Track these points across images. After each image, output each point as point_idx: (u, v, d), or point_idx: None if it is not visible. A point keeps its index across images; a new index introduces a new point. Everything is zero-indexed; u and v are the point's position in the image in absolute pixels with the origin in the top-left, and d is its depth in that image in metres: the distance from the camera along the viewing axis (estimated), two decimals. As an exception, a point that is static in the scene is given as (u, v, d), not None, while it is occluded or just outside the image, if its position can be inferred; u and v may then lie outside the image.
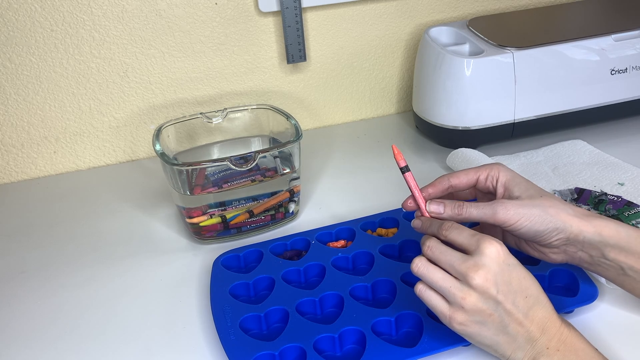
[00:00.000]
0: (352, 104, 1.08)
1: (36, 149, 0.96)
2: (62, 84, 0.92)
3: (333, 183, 0.90)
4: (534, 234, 0.57)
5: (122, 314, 0.68)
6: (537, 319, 0.53)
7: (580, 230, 0.57)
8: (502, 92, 0.87)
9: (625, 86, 0.91)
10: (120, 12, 0.90)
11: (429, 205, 0.60)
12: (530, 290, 0.53)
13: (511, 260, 0.53)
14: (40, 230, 0.84)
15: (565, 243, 0.58)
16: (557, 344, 0.53)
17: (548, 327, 0.53)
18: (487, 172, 0.61)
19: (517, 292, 0.52)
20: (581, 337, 0.54)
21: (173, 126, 0.83)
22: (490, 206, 0.57)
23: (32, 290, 0.73)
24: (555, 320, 0.53)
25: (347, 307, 0.63)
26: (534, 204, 0.57)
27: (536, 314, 0.53)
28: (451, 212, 0.59)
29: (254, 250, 0.73)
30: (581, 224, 0.57)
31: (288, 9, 0.93)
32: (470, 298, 0.52)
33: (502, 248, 0.53)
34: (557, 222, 0.56)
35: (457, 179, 0.62)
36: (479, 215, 0.57)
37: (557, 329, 0.53)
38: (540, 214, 0.56)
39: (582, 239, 0.57)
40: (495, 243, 0.53)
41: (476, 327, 0.53)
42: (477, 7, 1.05)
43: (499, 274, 0.52)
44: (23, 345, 0.65)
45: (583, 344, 0.53)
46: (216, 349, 0.62)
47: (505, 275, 0.52)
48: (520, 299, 0.52)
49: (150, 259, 0.76)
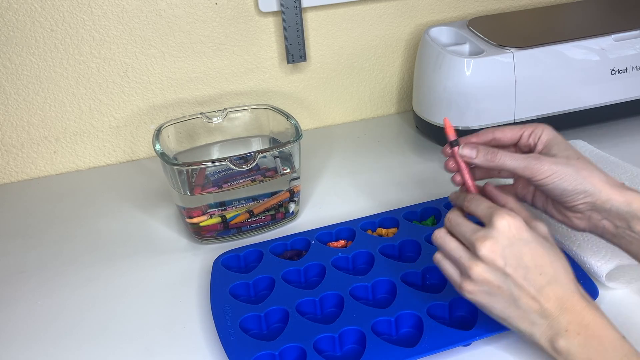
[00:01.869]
0: (352, 104, 1.08)
1: (36, 149, 0.96)
2: (62, 84, 0.92)
3: (333, 183, 0.90)
4: (561, 193, 0.57)
5: (122, 313, 0.68)
6: (554, 297, 0.52)
7: (608, 198, 0.56)
8: (502, 92, 0.87)
9: (625, 86, 0.91)
10: (120, 12, 0.90)
11: (462, 149, 0.60)
12: (545, 268, 0.52)
13: (526, 235, 0.53)
14: (40, 230, 0.84)
15: (591, 208, 0.57)
16: (578, 327, 0.51)
17: (567, 308, 0.52)
18: (532, 129, 0.61)
19: (530, 268, 0.52)
20: (608, 324, 0.52)
21: (173, 126, 0.83)
22: (525, 158, 0.57)
23: (32, 290, 0.73)
24: (577, 302, 0.52)
25: (347, 307, 0.63)
26: (568, 163, 0.57)
27: (552, 292, 0.52)
28: (484, 157, 0.59)
29: (254, 250, 0.73)
30: (611, 191, 0.56)
31: (288, 9, 0.93)
32: (476, 268, 0.53)
33: (516, 222, 0.53)
34: (586, 185, 0.56)
35: (501, 132, 0.62)
36: (512, 164, 0.57)
37: (578, 312, 0.52)
38: (571, 174, 0.56)
39: (609, 207, 0.56)
40: (508, 217, 0.53)
41: (486, 298, 0.54)
42: (477, 7, 1.05)
43: (508, 247, 0.52)
44: (23, 345, 0.65)
45: (608, 331, 0.51)
46: (216, 349, 0.62)
47: (516, 249, 0.52)
48: (532, 274, 0.52)
49: (150, 259, 0.76)
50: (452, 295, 0.62)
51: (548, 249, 0.53)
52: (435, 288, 0.66)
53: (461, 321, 0.62)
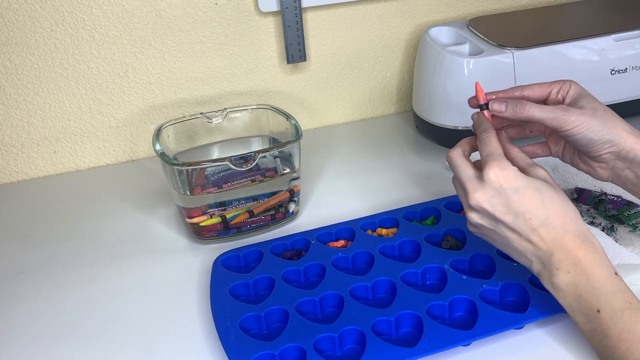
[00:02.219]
0: (352, 104, 1.08)
1: (36, 149, 0.96)
2: (62, 84, 0.92)
3: (333, 183, 0.90)
4: (588, 142, 0.60)
5: (122, 313, 0.68)
6: (547, 238, 0.55)
7: (632, 147, 0.59)
8: (502, 92, 0.87)
9: (625, 86, 0.91)
10: (120, 12, 0.90)
11: (492, 104, 0.62)
12: (535, 212, 0.55)
13: (514, 183, 0.55)
14: (40, 230, 0.84)
15: (615, 158, 0.60)
16: (568, 265, 0.54)
17: (558, 249, 0.55)
18: (560, 85, 0.63)
19: (519, 213, 0.55)
20: (599, 261, 0.54)
21: (173, 126, 0.83)
22: (553, 109, 0.59)
23: (32, 290, 0.73)
24: (570, 241, 0.54)
25: (347, 307, 0.63)
26: (595, 114, 0.59)
27: (545, 234, 0.55)
28: (512, 110, 0.61)
29: (254, 250, 0.73)
30: (635, 141, 0.59)
31: (288, 9, 0.93)
32: (470, 214, 0.58)
33: (503, 172, 0.56)
34: (611, 135, 0.59)
35: (530, 90, 0.64)
36: (540, 115, 0.60)
37: (569, 251, 0.54)
38: (597, 124, 0.59)
39: (632, 156, 0.59)
40: (496, 168, 0.56)
41: (485, 237, 0.59)
42: (477, 7, 1.05)
43: (495, 196, 0.56)
44: (23, 345, 0.65)
45: (598, 269, 0.53)
46: (216, 349, 0.62)
47: (503, 198, 0.56)
48: (521, 219, 0.55)
49: (150, 259, 0.76)
50: (452, 295, 0.63)
51: (542, 192, 0.56)
52: (435, 288, 0.66)
53: (461, 321, 0.62)
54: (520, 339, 0.61)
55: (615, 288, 0.53)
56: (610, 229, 0.73)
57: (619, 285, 0.53)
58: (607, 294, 0.52)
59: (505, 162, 0.56)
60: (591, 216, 0.75)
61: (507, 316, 0.60)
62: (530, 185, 0.56)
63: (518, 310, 0.61)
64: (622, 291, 0.53)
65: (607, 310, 0.52)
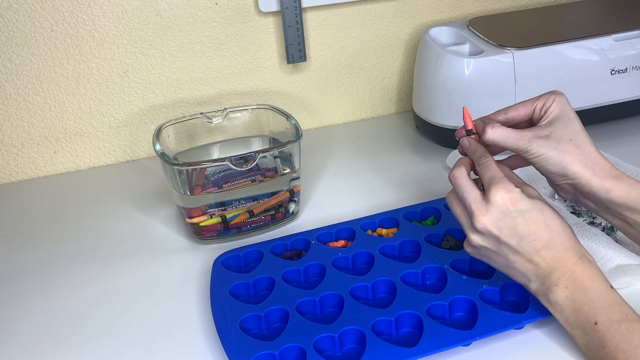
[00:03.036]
0: (352, 104, 1.08)
1: (36, 149, 0.96)
2: (62, 84, 0.92)
3: (333, 183, 0.90)
4: (546, 172, 0.61)
5: (122, 313, 0.68)
6: (549, 258, 0.56)
7: (587, 182, 0.60)
8: (502, 92, 0.87)
9: (625, 86, 0.91)
10: (120, 12, 0.90)
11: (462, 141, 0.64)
12: (539, 234, 0.56)
13: (521, 206, 0.56)
14: (40, 230, 0.84)
15: (574, 189, 0.62)
16: (567, 281, 0.56)
17: (558, 266, 0.56)
18: (544, 101, 0.63)
19: (524, 236, 0.56)
20: (596, 275, 0.56)
21: (173, 126, 0.83)
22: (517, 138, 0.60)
23: (32, 290, 0.73)
24: (570, 258, 0.56)
25: (347, 307, 0.63)
26: (557, 147, 0.60)
27: (547, 254, 0.56)
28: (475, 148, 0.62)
29: (254, 250, 0.73)
30: (591, 177, 0.60)
31: (288, 9, 0.93)
32: (473, 235, 0.58)
33: (510, 195, 0.56)
34: (568, 170, 0.60)
35: (514, 111, 0.64)
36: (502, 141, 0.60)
37: (568, 267, 0.56)
38: (556, 158, 0.60)
39: (588, 190, 0.60)
40: (502, 191, 0.56)
41: (485, 259, 0.60)
42: (477, 7, 1.05)
43: (502, 219, 0.56)
44: (23, 345, 0.65)
45: (595, 282, 0.55)
46: (216, 349, 0.62)
47: (509, 221, 0.56)
48: (526, 242, 0.56)
49: (150, 259, 0.76)
50: (452, 295, 0.63)
51: (545, 213, 0.57)
52: (435, 288, 0.66)
53: (461, 321, 0.62)
54: (520, 339, 0.61)
55: (611, 300, 0.54)
56: (610, 229, 0.73)
57: (616, 298, 0.55)
58: (604, 307, 0.54)
59: (510, 185, 0.57)
60: (591, 216, 0.75)
61: (507, 316, 0.60)
62: (535, 206, 0.57)
63: (518, 310, 0.61)
64: (618, 304, 0.54)
65: (604, 322, 0.53)
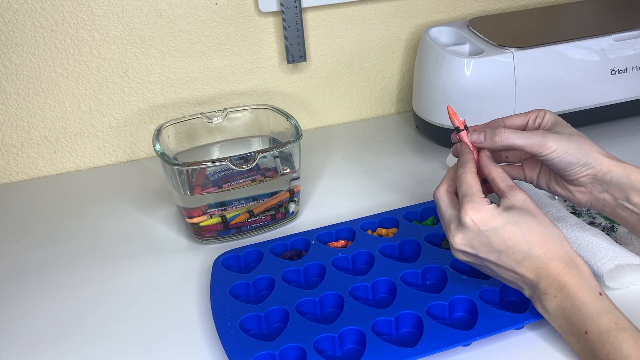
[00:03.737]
0: (352, 104, 1.08)
1: (36, 149, 0.96)
2: (62, 84, 0.92)
3: (333, 183, 0.90)
4: (566, 166, 0.60)
5: (122, 313, 0.68)
6: (532, 268, 0.56)
7: (609, 169, 0.60)
8: (502, 92, 0.87)
9: (625, 86, 0.91)
10: (120, 12, 0.90)
11: (471, 135, 0.63)
12: (517, 247, 0.56)
13: (492, 224, 0.56)
14: (40, 230, 0.84)
15: (593, 181, 0.61)
16: (555, 290, 0.56)
17: (544, 276, 0.56)
18: (536, 114, 0.65)
19: (501, 251, 0.56)
20: (583, 284, 0.55)
21: (173, 126, 0.83)
22: (531, 135, 0.61)
23: (32, 290, 0.73)
24: (554, 267, 0.56)
25: (347, 307, 0.63)
26: (571, 139, 0.61)
27: (529, 265, 0.56)
28: (491, 139, 0.62)
29: (254, 250, 0.73)
30: (611, 164, 0.60)
31: (288, 9, 0.93)
32: (456, 252, 0.59)
33: (479, 216, 0.56)
34: (588, 158, 0.60)
35: (510, 120, 0.65)
36: (519, 142, 0.61)
37: (554, 277, 0.56)
38: (575, 147, 0.60)
39: (609, 178, 0.60)
40: (471, 212, 0.56)
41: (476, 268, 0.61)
42: (477, 7, 1.05)
43: (476, 239, 0.57)
44: (23, 345, 0.65)
45: (582, 291, 0.55)
46: (216, 349, 0.62)
47: (483, 239, 0.57)
48: (505, 256, 0.57)
49: (150, 259, 0.76)
50: (452, 295, 0.63)
51: (521, 224, 0.56)
52: (435, 288, 0.66)
53: (461, 321, 0.62)
54: (520, 339, 0.61)
55: (600, 309, 0.54)
56: (610, 229, 0.73)
57: (604, 306, 0.54)
58: (593, 316, 0.54)
59: (479, 204, 0.57)
60: (591, 216, 0.75)
61: (507, 316, 0.60)
62: (509, 221, 0.56)
63: (518, 310, 0.61)
64: (607, 312, 0.54)
65: (594, 332, 0.53)
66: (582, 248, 0.67)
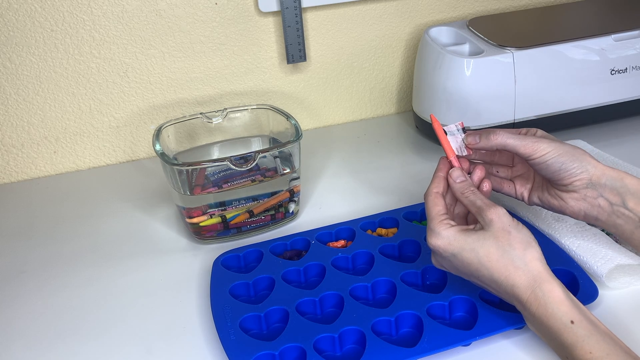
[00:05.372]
0: (352, 104, 1.08)
1: (36, 149, 0.96)
2: (62, 84, 0.92)
3: (333, 183, 0.90)
4: (559, 167, 0.60)
5: (122, 313, 0.68)
6: (501, 291, 0.57)
7: (602, 173, 0.60)
8: (502, 92, 0.87)
9: (625, 86, 0.91)
10: (120, 12, 0.90)
11: (467, 137, 0.65)
12: (478, 272, 0.57)
13: (450, 250, 0.57)
14: (40, 230, 0.84)
15: (587, 186, 0.60)
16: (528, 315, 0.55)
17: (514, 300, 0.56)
18: (527, 129, 0.65)
19: (467, 273, 0.58)
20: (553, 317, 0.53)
21: (173, 126, 0.83)
22: (524, 137, 0.61)
23: (32, 290, 0.73)
24: (520, 295, 0.55)
25: (347, 307, 0.63)
26: (563, 144, 0.61)
27: (497, 287, 0.57)
28: (485, 139, 0.63)
29: (254, 250, 0.73)
30: (604, 167, 0.60)
31: (288, 9, 0.93)
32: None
33: (437, 242, 0.58)
34: (582, 161, 0.60)
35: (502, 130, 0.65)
36: (512, 142, 0.61)
37: (523, 304, 0.55)
38: (567, 150, 0.60)
39: (604, 181, 0.60)
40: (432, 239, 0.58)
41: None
42: (477, 7, 1.05)
43: (445, 260, 0.59)
44: (23, 345, 0.65)
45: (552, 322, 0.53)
46: (216, 349, 0.62)
47: (447, 261, 0.59)
48: (473, 277, 0.58)
49: (150, 259, 0.77)
50: (452, 295, 0.63)
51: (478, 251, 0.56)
52: (435, 288, 0.66)
53: (461, 321, 0.62)
54: (520, 339, 0.61)
55: (572, 339, 0.52)
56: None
57: (577, 336, 0.52)
58: (567, 346, 0.52)
59: (436, 230, 0.58)
60: (591, 216, 0.75)
61: (507, 316, 0.60)
62: (464, 247, 0.57)
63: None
64: (581, 341, 0.51)
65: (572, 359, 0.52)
66: (582, 248, 0.67)
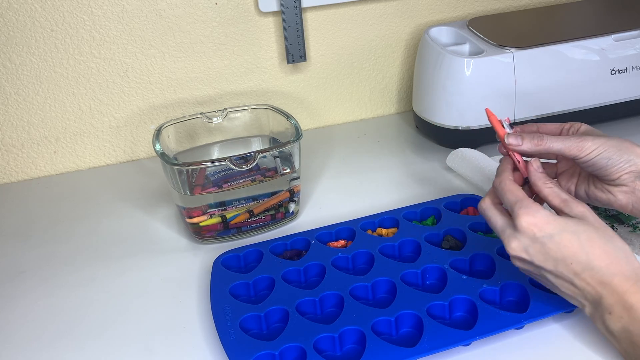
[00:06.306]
0: (352, 104, 1.08)
1: (36, 149, 0.96)
2: (62, 84, 0.92)
3: (333, 183, 0.90)
4: (606, 163, 0.58)
5: (122, 313, 0.68)
6: (593, 282, 0.53)
7: None
8: (502, 92, 0.87)
9: (625, 86, 0.91)
10: (120, 12, 0.90)
11: (508, 138, 0.61)
12: (575, 257, 0.53)
13: (549, 229, 0.54)
14: (40, 230, 0.84)
15: (635, 178, 0.59)
16: (620, 311, 0.52)
17: (607, 293, 0.52)
18: (571, 124, 0.64)
19: (558, 260, 0.54)
20: None
21: (173, 126, 0.83)
22: (568, 138, 0.59)
23: (32, 290, 0.73)
24: (619, 284, 0.52)
25: (347, 307, 0.63)
26: (609, 139, 0.59)
27: (589, 278, 0.53)
28: (530, 143, 0.60)
29: (254, 250, 0.73)
30: None
31: (288, 9, 0.93)
32: (513, 260, 0.57)
33: (534, 219, 0.54)
34: (630, 154, 0.58)
35: (545, 127, 0.64)
36: (558, 146, 0.59)
37: (619, 296, 0.52)
38: (614, 144, 0.59)
39: None
40: (526, 216, 0.54)
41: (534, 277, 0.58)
42: (477, 7, 1.05)
43: (531, 245, 0.55)
44: (23, 345, 0.65)
45: None
46: (216, 349, 0.62)
47: (538, 246, 0.54)
48: (562, 265, 0.54)
49: (150, 259, 0.77)
50: (452, 295, 0.63)
51: (580, 234, 0.54)
52: (435, 288, 0.66)
53: (461, 321, 0.62)
54: (520, 339, 0.61)
55: None
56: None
57: None
58: None
59: (533, 208, 0.55)
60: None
61: (507, 316, 0.60)
62: (565, 229, 0.54)
63: (518, 310, 0.61)
64: None
65: None
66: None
